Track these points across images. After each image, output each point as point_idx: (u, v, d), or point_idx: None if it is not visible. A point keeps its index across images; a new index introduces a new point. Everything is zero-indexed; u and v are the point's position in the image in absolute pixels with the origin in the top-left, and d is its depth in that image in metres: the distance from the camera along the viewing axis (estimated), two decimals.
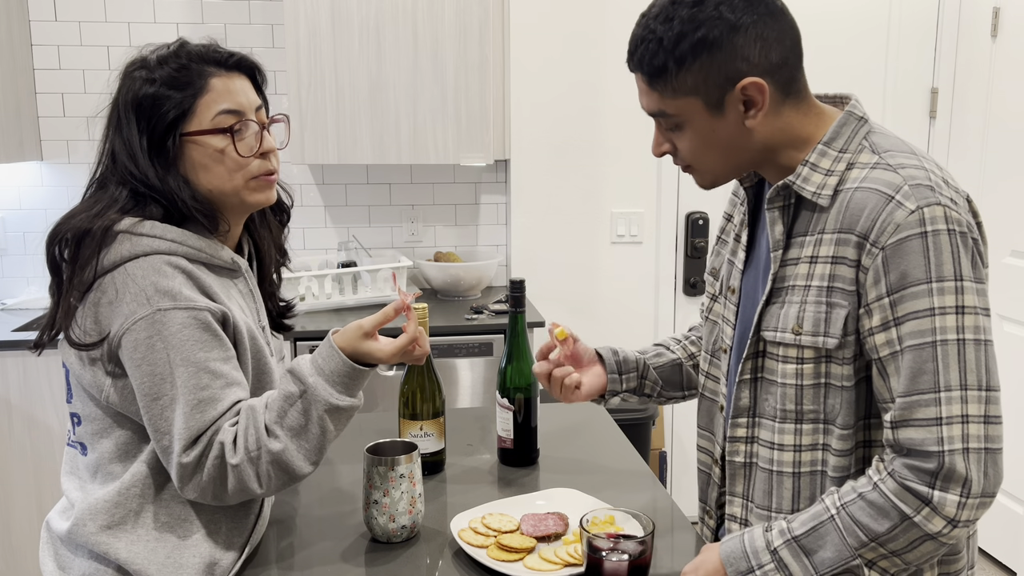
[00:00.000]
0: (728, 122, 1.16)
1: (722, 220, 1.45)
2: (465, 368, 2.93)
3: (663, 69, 1.14)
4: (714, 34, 1.11)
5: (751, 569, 1.15)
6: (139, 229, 1.20)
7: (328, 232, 3.41)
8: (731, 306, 1.35)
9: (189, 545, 1.23)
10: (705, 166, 1.23)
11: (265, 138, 1.29)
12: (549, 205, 3.39)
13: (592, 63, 3.32)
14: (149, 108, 1.23)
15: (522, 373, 1.63)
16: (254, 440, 1.19)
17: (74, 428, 1.28)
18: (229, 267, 1.29)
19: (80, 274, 1.18)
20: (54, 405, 2.73)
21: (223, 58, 1.27)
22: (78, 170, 3.22)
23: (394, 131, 3.01)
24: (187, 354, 1.17)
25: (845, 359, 1.16)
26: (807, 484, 1.22)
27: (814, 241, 1.18)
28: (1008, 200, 3.12)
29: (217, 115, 1.24)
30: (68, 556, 1.25)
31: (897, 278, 1.09)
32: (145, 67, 1.25)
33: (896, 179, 1.11)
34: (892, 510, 1.09)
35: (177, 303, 1.17)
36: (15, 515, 2.78)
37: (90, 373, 1.21)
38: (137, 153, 1.22)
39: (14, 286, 3.28)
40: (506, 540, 1.30)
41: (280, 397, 1.22)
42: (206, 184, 1.26)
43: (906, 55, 3.43)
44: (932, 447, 1.07)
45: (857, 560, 1.11)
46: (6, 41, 2.98)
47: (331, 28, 2.93)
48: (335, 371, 1.22)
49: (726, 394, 1.36)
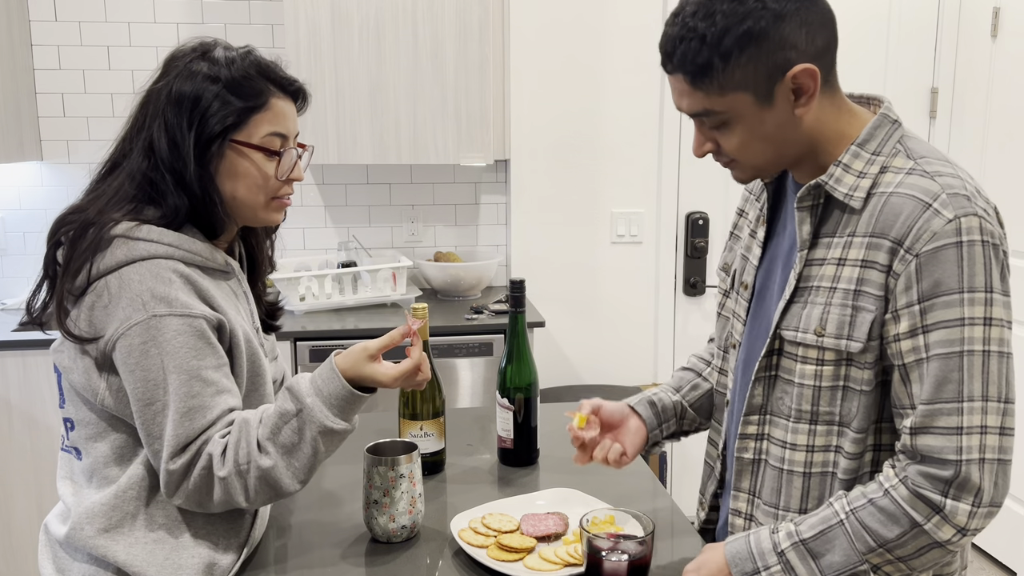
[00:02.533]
0: (777, 112, 1.14)
1: (735, 216, 1.44)
2: (465, 368, 2.93)
3: (708, 66, 1.11)
4: (760, 25, 1.08)
5: (756, 570, 1.15)
6: (136, 233, 1.19)
7: (328, 232, 3.41)
8: (743, 302, 1.34)
9: (187, 546, 1.23)
10: (750, 160, 1.20)
11: (297, 166, 1.31)
12: (549, 205, 3.39)
13: (592, 63, 3.32)
14: (207, 106, 1.21)
15: (522, 373, 1.63)
16: (245, 454, 1.18)
17: (67, 433, 1.27)
18: (223, 270, 1.29)
19: (75, 277, 1.18)
20: (54, 405, 2.73)
21: (286, 83, 1.29)
22: (78, 170, 3.22)
23: (394, 131, 3.01)
24: (180, 361, 1.17)
25: (867, 363, 1.15)
26: (816, 484, 1.21)
27: (843, 243, 1.16)
28: (1008, 200, 3.12)
29: (267, 135, 1.25)
30: (67, 559, 1.25)
31: (930, 286, 1.08)
32: (208, 61, 1.23)
33: (934, 187, 1.10)
34: (903, 517, 1.09)
35: (173, 309, 1.17)
36: (15, 516, 2.78)
37: (83, 376, 1.20)
38: (182, 143, 1.21)
39: (14, 286, 3.28)
40: (506, 540, 1.30)
41: (275, 414, 1.21)
42: (231, 191, 1.26)
43: (906, 55, 3.42)
44: (951, 455, 1.07)
45: (864, 565, 1.11)
46: (6, 41, 2.98)
47: (331, 28, 2.93)
48: (333, 394, 1.21)
49: (732, 388, 1.36)
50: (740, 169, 1.22)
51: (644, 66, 3.31)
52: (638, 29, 3.31)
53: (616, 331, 3.45)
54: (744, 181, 1.25)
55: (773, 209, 1.32)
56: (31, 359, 2.70)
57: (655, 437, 1.48)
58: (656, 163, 3.40)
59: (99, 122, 3.22)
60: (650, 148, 3.40)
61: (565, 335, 3.45)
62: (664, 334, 3.48)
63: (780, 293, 1.24)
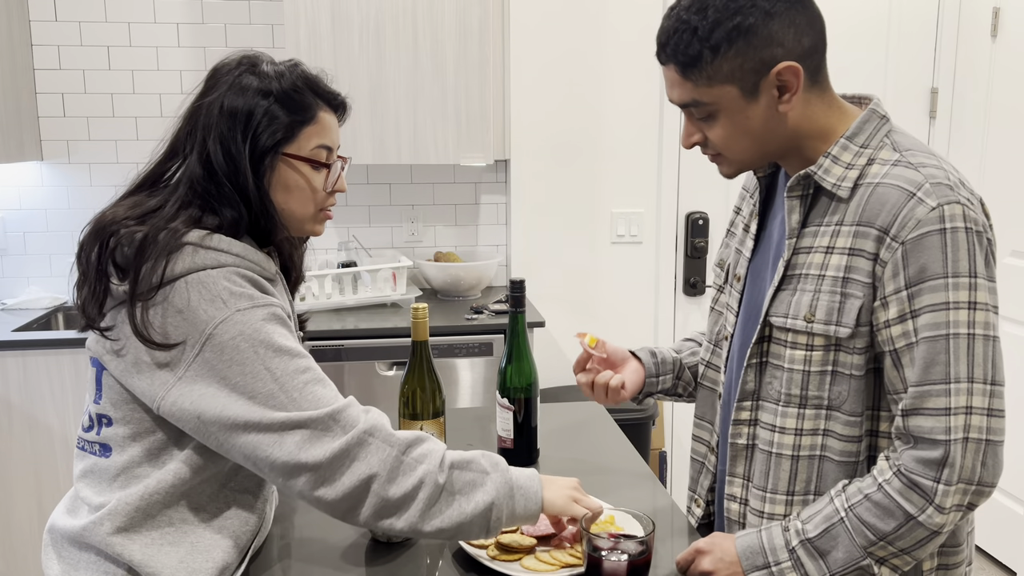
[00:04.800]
0: (761, 107, 1.18)
1: (732, 214, 1.48)
2: (465, 368, 2.93)
3: (698, 58, 1.16)
4: (749, 21, 1.14)
5: (767, 565, 1.18)
6: (208, 242, 1.19)
7: (328, 232, 3.40)
8: (735, 294, 1.38)
9: (202, 550, 1.22)
10: (735, 154, 1.24)
11: (341, 178, 1.33)
12: (549, 205, 3.39)
13: (593, 63, 3.32)
14: (260, 120, 1.23)
15: (522, 373, 1.63)
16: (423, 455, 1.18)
17: (99, 429, 1.24)
18: (273, 279, 1.31)
19: (144, 279, 1.15)
20: (54, 405, 2.73)
21: (332, 96, 1.31)
22: (78, 170, 3.22)
23: (394, 131, 3.01)
24: (278, 344, 1.17)
25: (856, 349, 1.19)
26: (804, 467, 1.24)
27: (831, 232, 1.20)
28: (1008, 200, 3.12)
29: (315, 148, 1.27)
30: (75, 555, 1.23)
31: (916, 272, 1.12)
32: (256, 75, 1.25)
33: (918, 177, 1.14)
34: (897, 509, 1.13)
35: (255, 302, 1.18)
36: (15, 515, 2.78)
37: (147, 380, 1.17)
38: (239, 158, 1.22)
39: (14, 286, 3.28)
40: (506, 540, 1.30)
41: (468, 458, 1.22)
42: (282, 204, 1.28)
43: (906, 55, 3.42)
44: (940, 436, 1.11)
45: (867, 560, 1.14)
46: (6, 41, 2.98)
47: (331, 28, 2.93)
48: (525, 500, 1.22)
49: (726, 382, 1.39)
50: (726, 164, 1.26)
51: (644, 67, 3.31)
52: (638, 30, 3.31)
53: (616, 331, 3.45)
54: (730, 176, 1.29)
55: (765, 203, 1.36)
56: (31, 359, 2.71)
57: (651, 386, 1.54)
58: (656, 163, 3.40)
59: (99, 122, 3.22)
60: (650, 148, 3.40)
61: (565, 335, 3.45)
62: (664, 334, 3.48)
63: (771, 282, 1.27)
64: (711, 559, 1.22)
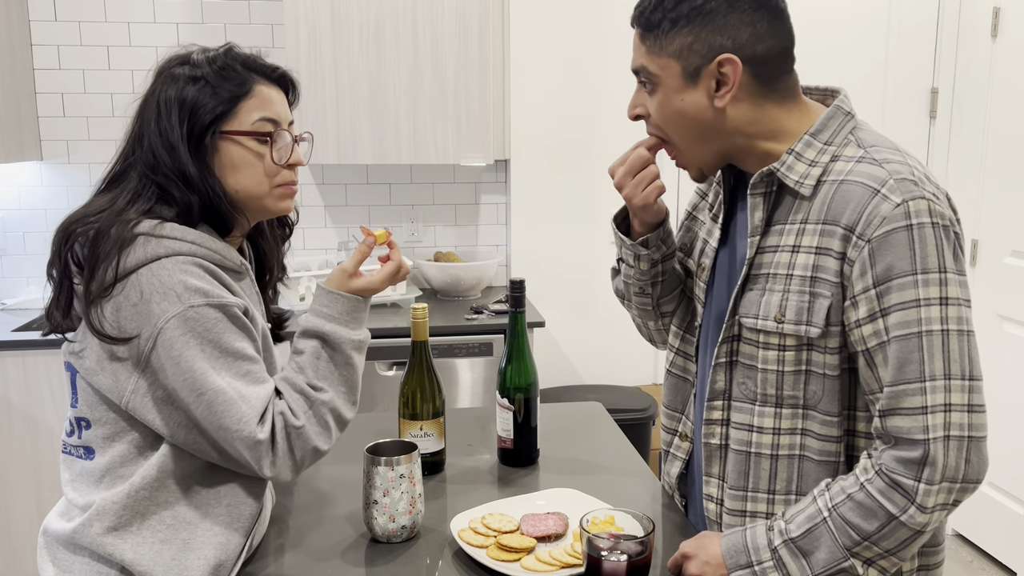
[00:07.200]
0: (697, 95, 1.19)
1: (694, 196, 1.47)
2: (465, 368, 2.93)
3: (656, 26, 1.19)
4: (712, 5, 1.16)
5: (750, 564, 1.17)
6: (160, 231, 1.20)
7: (328, 232, 3.41)
8: (702, 284, 1.38)
9: (194, 548, 1.23)
10: (679, 143, 1.25)
11: (296, 150, 1.33)
12: (549, 205, 3.39)
13: (592, 63, 3.32)
14: (192, 102, 1.24)
15: (522, 373, 1.63)
16: (305, 401, 1.24)
17: (79, 432, 1.26)
18: (237, 269, 1.30)
19: (99, 276, 1.17)
20: (54, 405, 2.73)
21: (268, 70, 1.32)
22: (78, 170, 3.22)
23: (394, 131, 3.01)
24: (225, 346, 1.19)
25: (828, 348, 1.18)
26: (784, 467, 1.24)
27: (796, 230, 1.20)
28: (1008, 200, 3.12)
29: (257, 120, 1.28)
30: (69, 558, 1.24)
31: (883, 270, 1.11)
32: (188, 64, 1.27)
33: (881, 173, 1.14)
34: (879, 509, 1.11)
35: (209, 299, 1.18)
36: (15, 515, 2.78)
37: (111, 377, 1.20)
38: (177, 145, 1.23)
39: (14, 286, 3.28)
40: (506, 540, 1.30)
41: (307, 357, 1.27)
42: (234, 184, 1.28)
43: (906, 55, 3.42)
44: (918, 435, 1.09)
45: (849, 561, 1.13)
46: (6, 41, 2.98)
47: (331, 28, 2.93)
48: (343, 311, 1.30)
49: (699, 378, 1.39)
50: (684, 164, 1.28)
51: None
52: None
53: (616, 331, 3.45)
54: (695, 179, 1.30)
55: (734, 193, 1.35)
56: (31, 359, 2.71)
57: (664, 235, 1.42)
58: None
59: (99, 122, 3.22)
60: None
61: (565, 335, 3.45)
62: None
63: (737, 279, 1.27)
64: (697, 563, 1.21)
